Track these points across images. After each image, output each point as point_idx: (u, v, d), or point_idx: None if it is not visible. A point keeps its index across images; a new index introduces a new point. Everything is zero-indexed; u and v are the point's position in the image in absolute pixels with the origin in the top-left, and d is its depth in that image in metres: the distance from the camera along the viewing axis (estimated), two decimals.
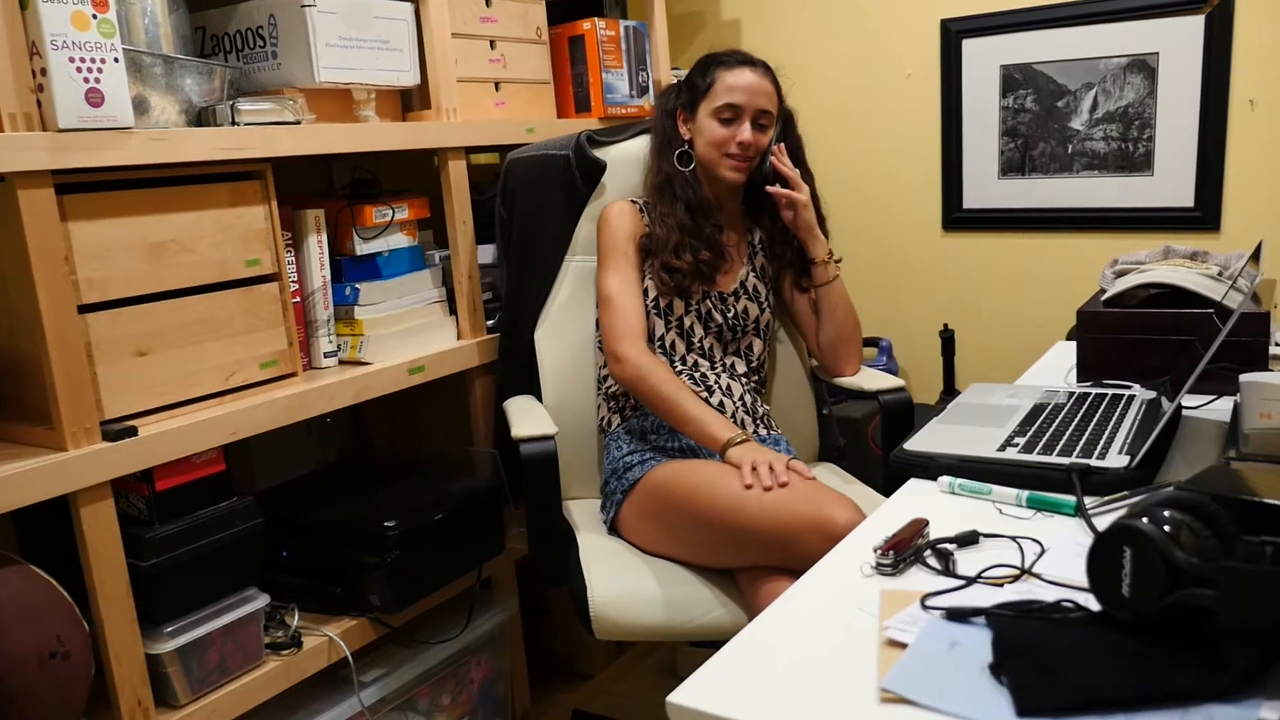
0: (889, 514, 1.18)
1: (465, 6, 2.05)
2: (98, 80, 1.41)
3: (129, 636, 1.47)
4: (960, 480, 1.21)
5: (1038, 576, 0.96)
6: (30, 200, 1.36)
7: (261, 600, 1.65)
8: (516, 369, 2.02)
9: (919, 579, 0.99)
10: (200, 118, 1.64)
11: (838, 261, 1.94)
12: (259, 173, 1.68)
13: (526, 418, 1.75)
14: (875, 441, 2.49)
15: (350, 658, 1.76)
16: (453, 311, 2.07)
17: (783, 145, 1.90)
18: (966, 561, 1.02)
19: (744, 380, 1.91)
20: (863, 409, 2.62)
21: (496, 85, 2.15)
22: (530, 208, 2.01)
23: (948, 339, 2.62)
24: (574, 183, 2.01)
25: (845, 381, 1.97)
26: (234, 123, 1.63)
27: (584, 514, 1.89)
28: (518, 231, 2.01)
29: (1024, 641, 0.79)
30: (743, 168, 1.87)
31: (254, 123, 1.65)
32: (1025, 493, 1.15)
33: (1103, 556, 0.79)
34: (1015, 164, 2.57)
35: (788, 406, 2.08)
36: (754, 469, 1.57)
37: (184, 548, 1.54)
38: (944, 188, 2.69)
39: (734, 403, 1.85)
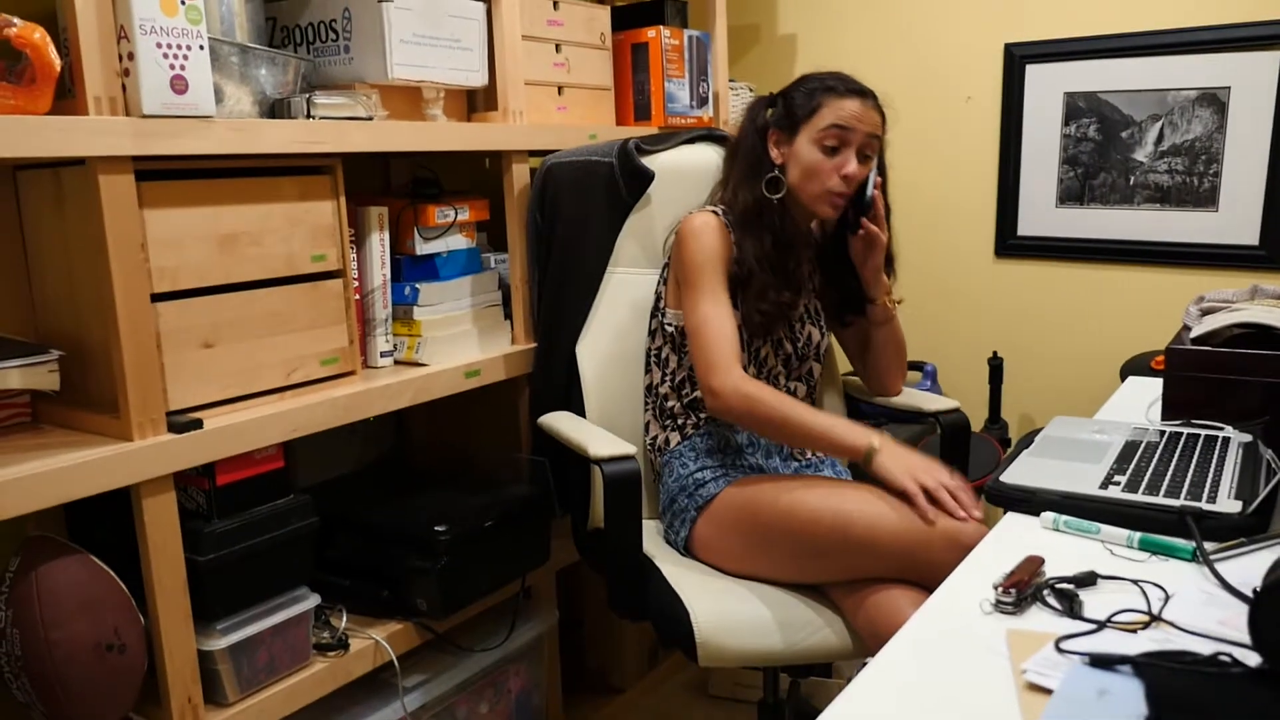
0: (994, 548, 1.15)
1: (533, 8, 2.03)
2: (183, 67, 1.39)
3: (183, 632, 1.44)
4: (1065, 517, 1.18)
5: (1170, 624, 0.93)
6: (111, 185, 1.34)
7: (312, 600, 1.63)
8: (553, 382, 1.96)
9: (1040, 619, 0.97)
10: (274, 110, 1.61)
11: (898, 302, 1.89)
12: (329, 167, 1.66)
13: (594, 436, 1.69)
14: None
15: (396, 662, 1.73)
16: (507, 316, 2.04)
17: (881, 180, 1.79)
18: (1087, 603, 0.99)
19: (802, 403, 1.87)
20: (906, 432, 2.58)
21: (559, 89, 2.13)
22: (572, 215, 1.94)
23: (996, 367, 2.59)
24: (618, 191, 1.96)
25: (901, 401, 1.94)
26: (309, 115, 1.61)
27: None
28: (558, 239, 1.95)
29: (1181, 695, 0.76)
30: (840, 204, 1.75)
31: (328, 117, 1.63)
32: (1137, 534, 1.12)
33: (1271, 611, 0.76)
34: (1074, 193, 2.54)
35: None
36: (926, 491, 1.48)
37: (241, 544, 1.51)
38: (999, 214, 2.66)
39: None
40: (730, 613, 1.56)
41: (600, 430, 1.74)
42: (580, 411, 1.91)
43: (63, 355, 1.42)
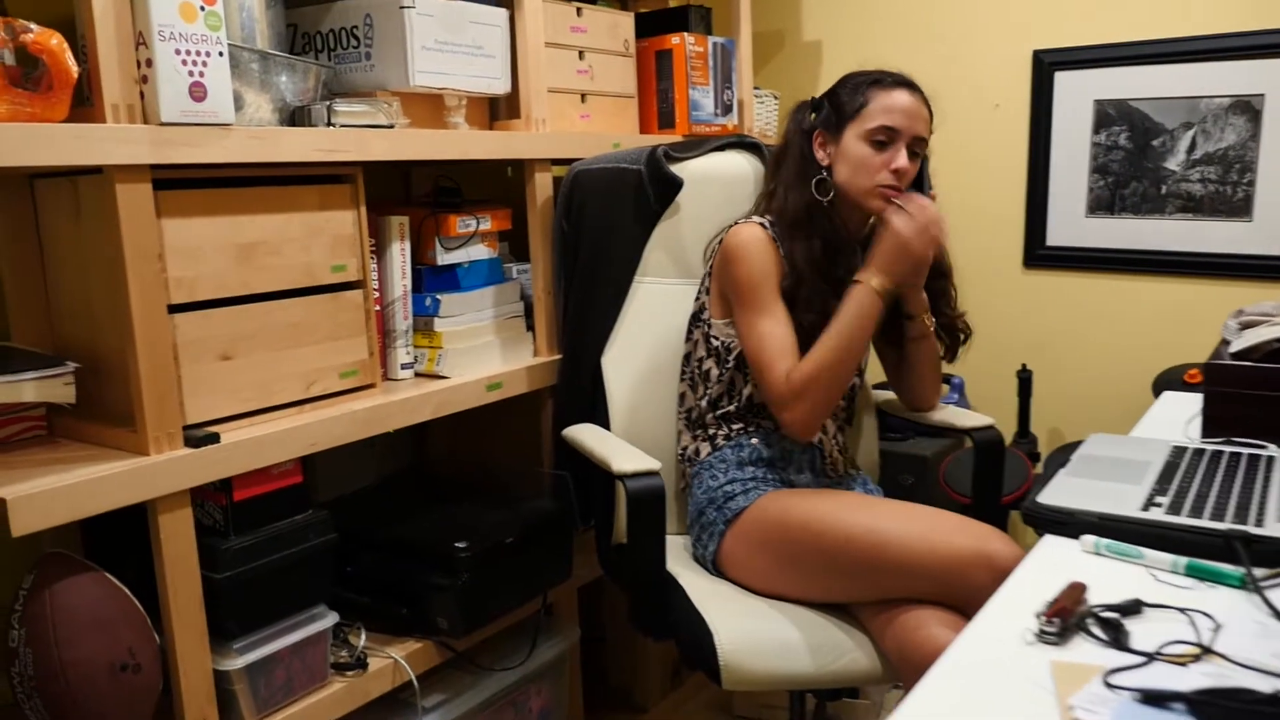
0: (1032, 572, 1.11)
1: (556, 15, 2.01)
2: (201, 74, 1.37)
3: (199, 652, 1.41)
4: (1107, 541, 1.13)
5: (1223, 656, 0.89)
6: (128, 195, 1.32)
7: (330, 619, 1.60)
8: (578, 394, 1.93)
9: (1085, 649, 0.92)
10: (294, 117, 1.59)
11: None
12: (350, 176, 1.63)
13: (619, 450, 1.65)
14: (947, 481, 2.42)
15: (415, 681, 1.70)
16: (529, 328, 2.01)
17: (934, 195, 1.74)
18: (1133, 633, 0.95)
19: (837, 417, 1.83)
20: (933, 446, 2.54)
21: (583, 97, 2.10)
22: (599, 223, 1.91)
23: (1025, 379, 2.55)
24: (646, 200, 1.93)
25: (935, 417, 1.90)
26: (329, 123, 1.58)
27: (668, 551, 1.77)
28: (585, 248, 1.92)
29: None
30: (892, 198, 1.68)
31: (349, 124, 1.61)
32: (1183, 559, 1.08)
33: None
34: (1104, 202, 2.49)
35: (859, 441, 2.00)
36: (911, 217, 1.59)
37: (259, 561, 1.49)
38: (1027, 223, 2.61)
39: (830, 440, 1.78)
40: (755, 634, 1.52)
41: (625, 444, 1.71)
42: (605, 424, 1.87)
43: (79, 367, 1.40)
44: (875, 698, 2.28)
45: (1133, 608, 0.99)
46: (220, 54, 1.39)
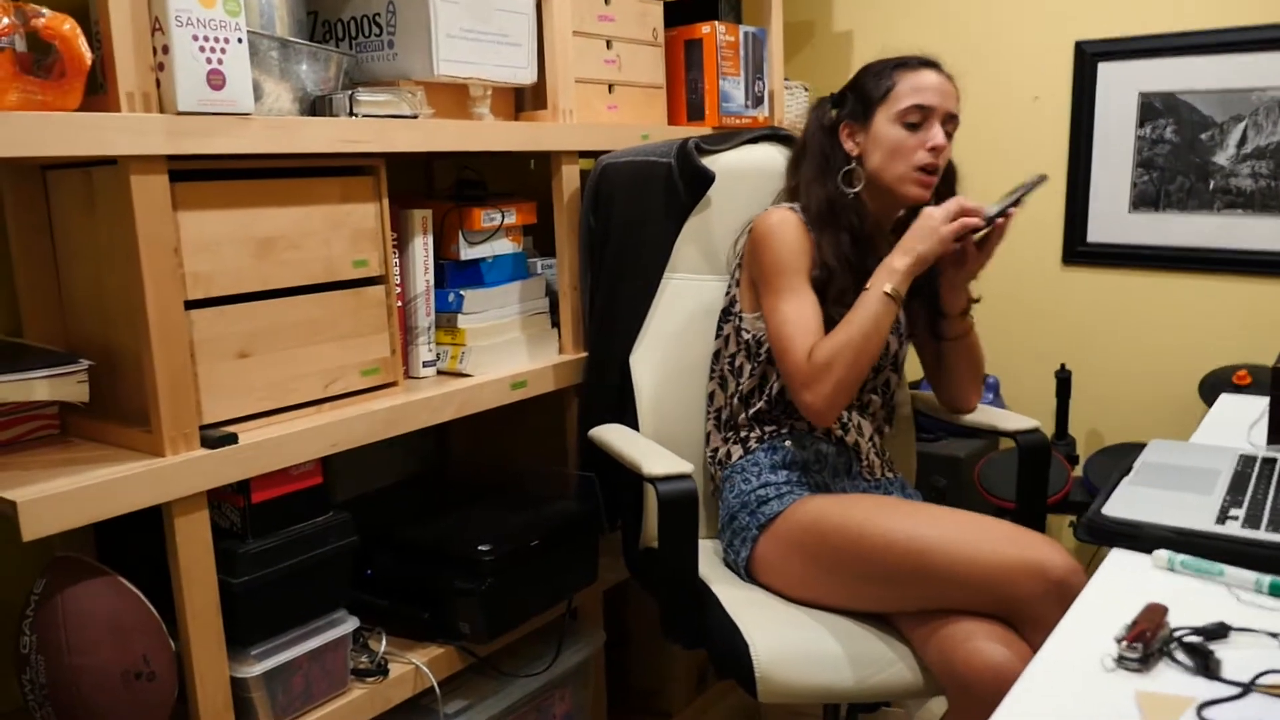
0: (1100, 591, 1.04)
1: (584, 3, 1.94)
2: (220, 61, 1.32)
3: (215, 659, 1.37)
4: (1183, 557, 1.06)
5: None
6: (143, 186, 1.27)
7: (351, 624, 1.55)
8: (604, 393, 1.87)
9: (1170, 678, 0.86)
10: (314, 107, 1.54)
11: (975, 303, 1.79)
12: (372, 168, 1.58)
13: (649, 452, 1.60)
14: (982, 483, 2.35)
15: (437, 687, 1.65)
16: (555, 324, 1.96)
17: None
18: (1222, 659, 0.88)
19: (875, 417, 1.77)
20: (967, 447, 2.47)
21: (610, 87, 2.04)
22: (627, 218, 1.86)
23: (1064, 380, 2.47)
24: (676, 193, 1.86)
25: (976, 419, 1.84)
26: (351, 113, 1.53)
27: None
28: (612, 243, 1.86)
29: None
30: (930, 183, 1.64)
31: (371, 115, 1.55)
32: (1267, 578, 1.01)
33: None
34: (1149, 198, 2.41)
35: (895, 444, 1.93)
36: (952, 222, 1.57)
37: (277, 565, 1.44)
38: (1067, 219, 2.54)
39: (866, 442, 1.72)
40: (793, 645, 1.46)
41: (656, 446, 1.65)
42: (633, 425, 1.81)
43: (92, 365, 1.35)
44: (911, 707, 2.22)
45: (1218, 631, 0.92)
46: (239, 41, 1.34)
